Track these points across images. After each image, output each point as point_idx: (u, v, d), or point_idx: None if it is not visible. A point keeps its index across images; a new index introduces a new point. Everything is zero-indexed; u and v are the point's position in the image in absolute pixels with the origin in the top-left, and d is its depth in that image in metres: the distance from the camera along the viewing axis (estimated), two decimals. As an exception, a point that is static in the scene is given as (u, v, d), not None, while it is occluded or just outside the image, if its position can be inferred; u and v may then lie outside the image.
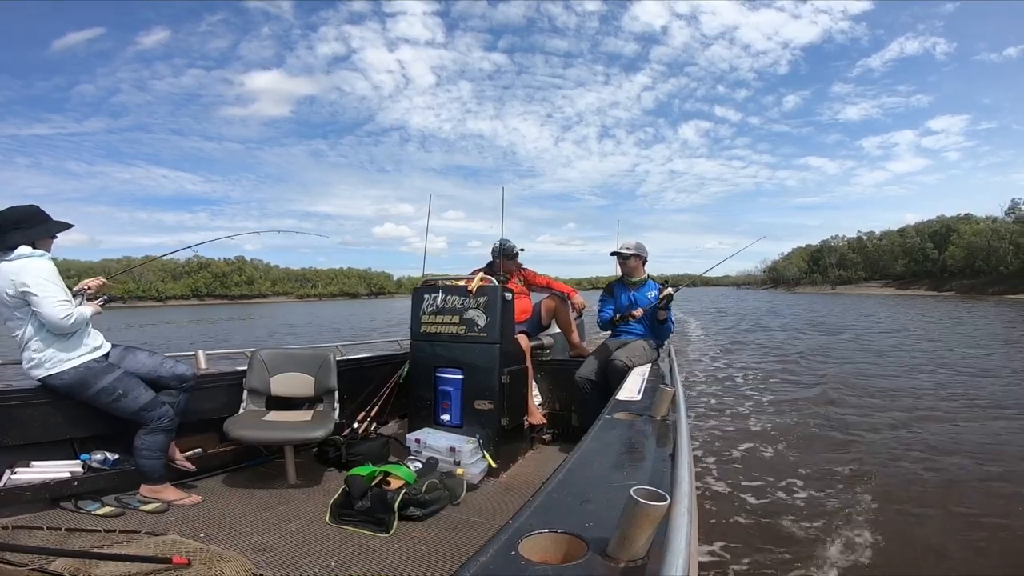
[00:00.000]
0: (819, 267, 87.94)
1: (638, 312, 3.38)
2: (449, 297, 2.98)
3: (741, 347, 12.63)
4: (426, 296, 3.06)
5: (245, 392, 2.77)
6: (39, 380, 2.17)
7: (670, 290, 3.35)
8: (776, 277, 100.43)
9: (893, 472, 4.07)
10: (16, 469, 2.16)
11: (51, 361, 2.16)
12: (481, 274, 3.09)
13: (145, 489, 2.28)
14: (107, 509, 2.15)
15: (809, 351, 11.42)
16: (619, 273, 3.62)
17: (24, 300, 2.10)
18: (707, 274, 4.70)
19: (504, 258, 3.69)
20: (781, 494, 3.69)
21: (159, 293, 72.86)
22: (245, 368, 2.81)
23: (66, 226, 2.31)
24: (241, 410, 2.72)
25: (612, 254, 3.56)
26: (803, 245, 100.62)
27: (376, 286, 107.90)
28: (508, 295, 2.97)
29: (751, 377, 8.41)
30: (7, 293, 2.09)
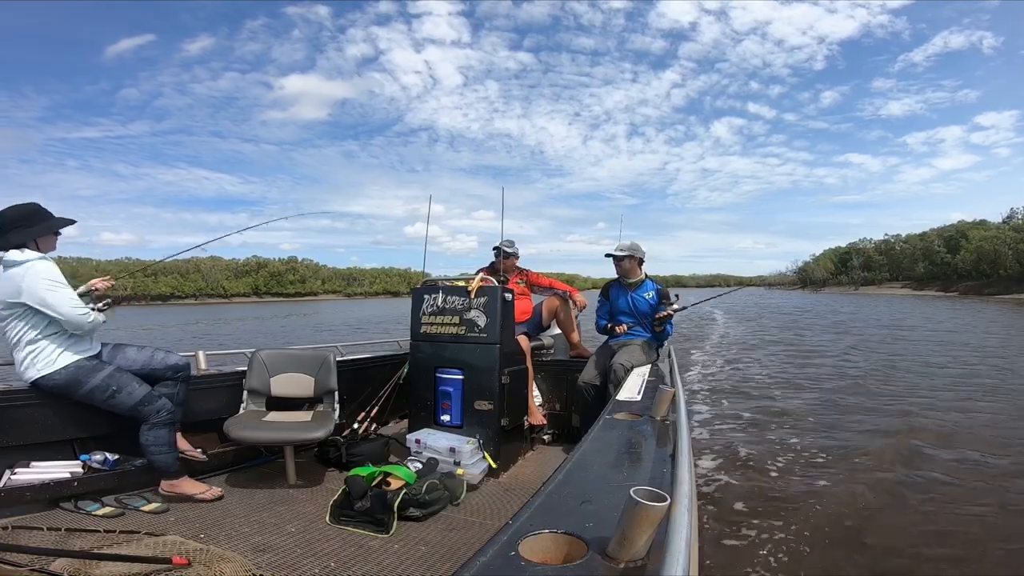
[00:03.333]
0: (846, 268, 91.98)
1: (621, 328, 3.33)
2: (449, 298, 2.98)
3: (743, 338, 12.66)
4: (426, 296, 3.06)
5: (245, 392, 2.77)
6: (31, 382, 2.16)
7: (671, 310, 3.26)
8: (806, 278, 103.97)
9: (899, 475, 4.06)
10: (16, 469, 2.16)
11: (43, 362, 2.13)
12: (481, 275, 3.08)
13: (164, 485, 2.27)
14: (107, 510, 2.15)
15: (793, 345, 11.50)
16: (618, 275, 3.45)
17: (22, 305, 2.07)
18: (706, 301, 4.81)
19: (502, 257, 3.70)
20: (783, 494, 3.68)
21: (225, 291, 79.71)
22: (245, 368, 2.82)
23: (68, 222, 2.28)
24: (241, 410, 2.72)
25: (607, 256, 3.44)
26: (833, 247, 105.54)
27: (416, 284, 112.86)
28: (508, 296, 2.97)
29: (751, 373, 8.41)
30: (6, 297, 2.07)
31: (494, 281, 2.95)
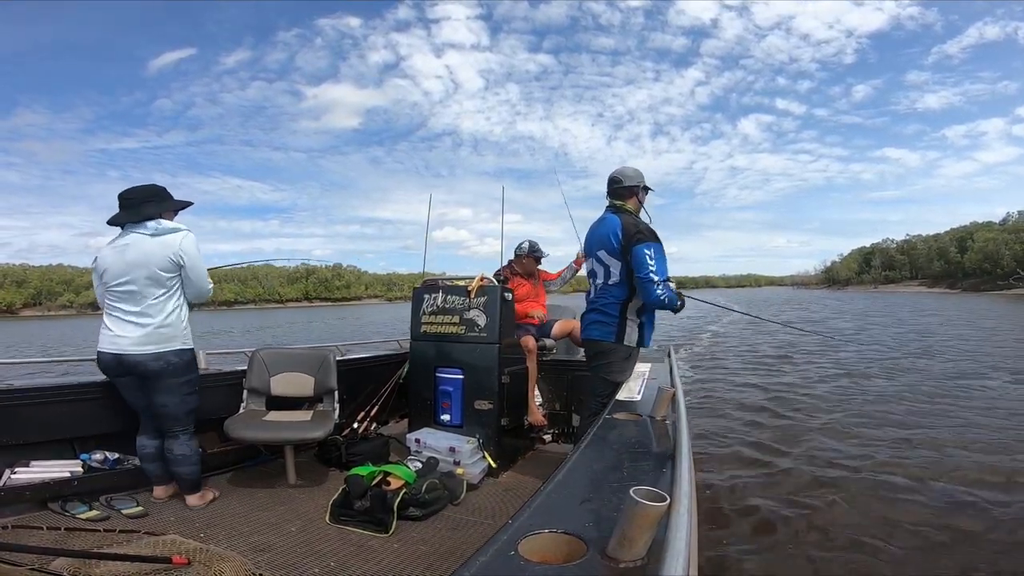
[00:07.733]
0: (869, 268, 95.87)
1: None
2: (449, 297, 2.98)
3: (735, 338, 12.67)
4: (426, 296, 3.06)
5: (245, 392, 2.78)
6: (155, 353, 2.12)
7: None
8: (831, 277, 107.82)
9: (901, 476, 4.06)
10: (16, 469, 2.16)
11: (186, 336, 2.22)
12: (481, 274, 3.09)
13: (193, 499, 2.26)
14: (93, 512, 2.11)
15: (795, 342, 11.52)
16: (641, 213, 2.48)
17: (177, 270, 2.16)
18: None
19: (530, 257, 3.58)
20: (784, 494, 3.68)
21: (280, 296, 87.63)
22: (245, 368, 2.82)
23: (187, 204, 2.37)
24: (241, 410, 2.72)
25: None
26: (858, 247, 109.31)
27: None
28: (508, 295, 2.97)
29: (751, 373, 8.41)
30: (164, 261, 2.13)
31: (494, 281, 2.96)
